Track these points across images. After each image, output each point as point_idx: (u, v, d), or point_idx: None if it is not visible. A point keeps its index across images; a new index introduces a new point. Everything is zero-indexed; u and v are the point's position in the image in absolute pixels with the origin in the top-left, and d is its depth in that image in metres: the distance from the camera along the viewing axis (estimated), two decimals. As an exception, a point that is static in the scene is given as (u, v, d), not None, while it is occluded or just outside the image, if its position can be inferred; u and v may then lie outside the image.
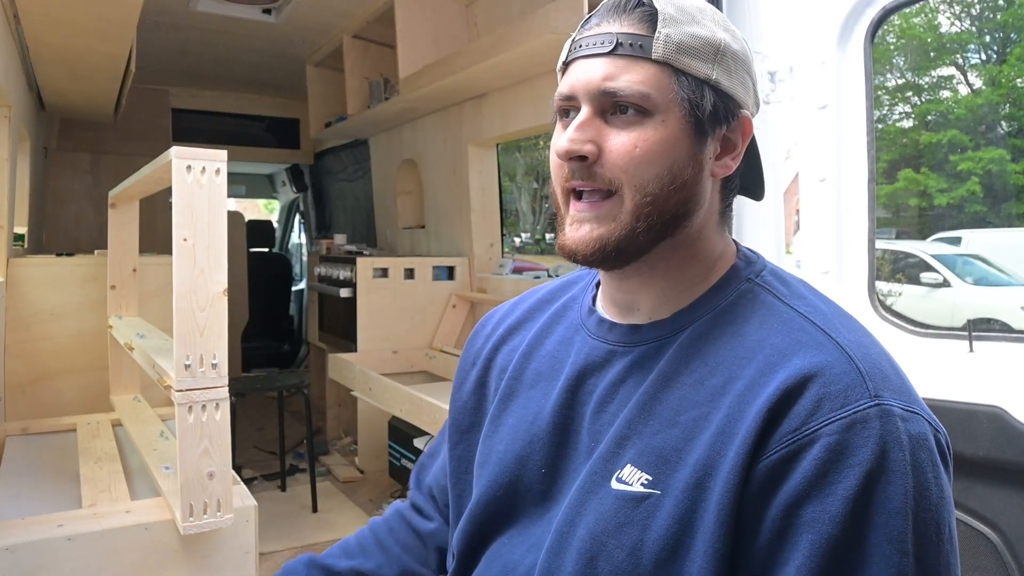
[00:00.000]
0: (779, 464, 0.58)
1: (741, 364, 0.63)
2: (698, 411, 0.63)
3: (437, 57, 3.35)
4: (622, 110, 0.66)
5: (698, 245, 0.70)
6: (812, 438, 0.57)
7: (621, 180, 0.66)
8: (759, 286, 0.69)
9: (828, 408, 0.57)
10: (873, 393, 0.58)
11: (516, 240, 20.29)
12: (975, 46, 11.23)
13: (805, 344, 0.61)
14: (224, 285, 1.47)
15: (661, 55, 0.65)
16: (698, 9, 0.68)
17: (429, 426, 2.52)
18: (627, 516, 0.63)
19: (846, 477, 0.55)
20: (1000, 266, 7.93)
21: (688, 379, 0.65)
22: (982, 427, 1.49)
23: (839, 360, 0.60)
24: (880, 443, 0.56)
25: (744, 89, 0.69)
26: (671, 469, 0.62)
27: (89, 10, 2.22)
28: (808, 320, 0.64)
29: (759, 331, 0.64)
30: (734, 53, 0.68)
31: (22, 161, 3.21)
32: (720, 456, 0.60)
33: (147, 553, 1.52)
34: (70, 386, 2.61)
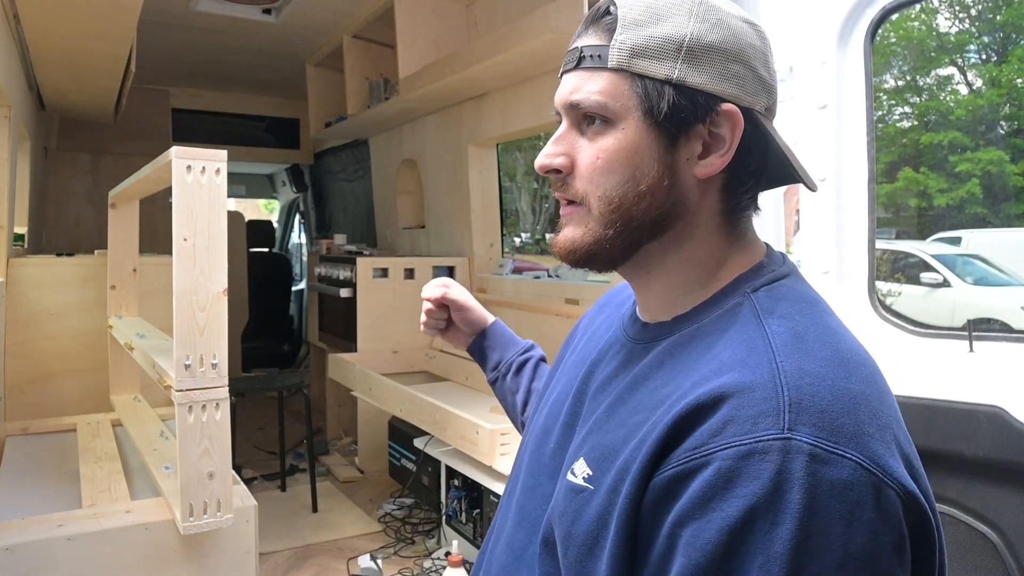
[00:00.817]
0: (674, 480, 0.55)
1: (687, 376, 0.61)
2: (642, 416, 0.62)
3: (437, 57, 3.35)
4: (591, 121, 0.67)
5: (691, 248, 0.68)
6: (708, 460, 0.54)
7: (587, 190, 0.67)
8: (749, 300, 0.65)
9: (732, 432, 0.54)
10: (786, 426, 0.53)
11: (516, 240, 20.29)
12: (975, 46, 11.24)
13: (743, 364, 0.58)
14: (224, 285, 1.47)
15: (616, 62, 0.65)
16: (671, 4, 0.65)
17: (429, 426, 2.52)
18: (566, 506, 0.65)
19: (728, 506, 0.52)
20: (1000, 266, 7.93)
21: (652, 384, 0.65)
22: (982, 427, 1.49)
23: (765, 385, 0.55)
24: (775, 479, 0.51)
25: (729, 79, 0.64)
26: (607, 468, 0.62)
27: (89, 10, 2.22)
28: (767, 341, 0.59)
29: (721, 345, 0.62)
30: (709, 45, 0.64)
31: (22, 161, 3.21)
32: (633, 461, 0.59)
33: (147, 553, 1.52)
34: (70, 386, 2.61)
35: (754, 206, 0.70)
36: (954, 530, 1.56)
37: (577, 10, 2.25)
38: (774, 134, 0.67)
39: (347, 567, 2.61)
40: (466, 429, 2.26)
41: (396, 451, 3.19)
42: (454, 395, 3.07)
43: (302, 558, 2.71)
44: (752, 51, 0.66)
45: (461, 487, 2.52)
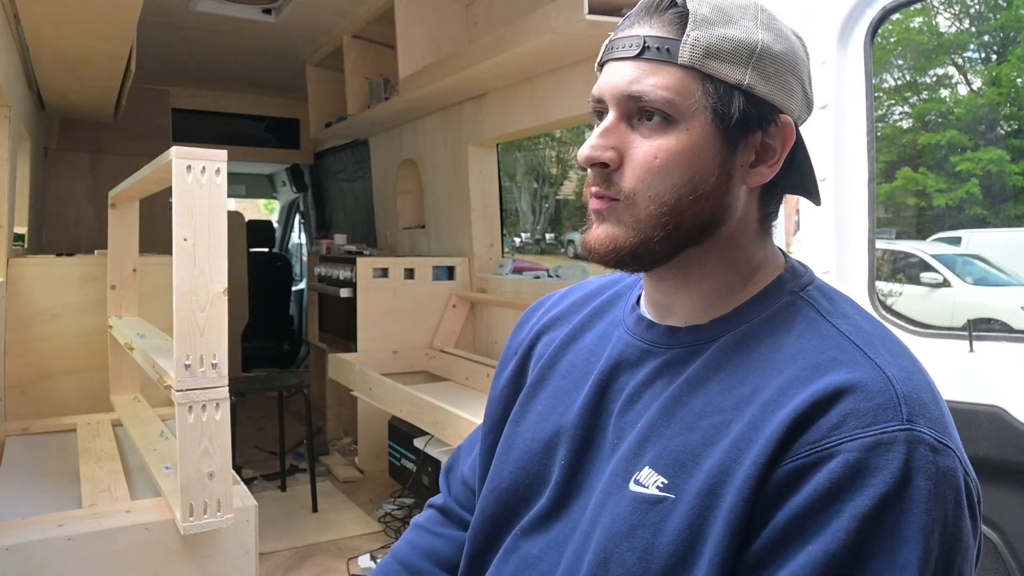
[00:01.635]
0: (794, 473, 0.56)
1: (771, 375, 0.61)
2: (721, 417, 0.61)
3: (437, 57, 3.35)
4: (648, 116, 0.64)
5: (732, 253, 0.68)
6: (832, 452, 0.55)
7: (636, 189, 0.65)
8: (803, 300, 0.66)
9: (854, 424, 0.55)
10: (906, 417, 0.55)
11: (516, 240, 20.31)
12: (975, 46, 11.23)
13: (842, 361, 0.59)
14: (224, 285, 1.47)
15: (687, 60, 0.62)
16: (738, 7, 0.65)
17: (429, 426, 2.52)
18: (640, 519, 0.62)
19: (859, 496, 0.53)
20: (1000, 266, 7.93)
21: (716, 386, 0.63)
22: (982, 427, 1.49)
23: (875, 379, 0.57)
24: (903, 469, 0.53)
25: (786, 93, 0.65)
26: (687, 474, 0.61)
27: (89, 10, 2.22)
28: (848, 339, 0.61)
29: (795, 344, 0.62)
30: (775, 55, 0.64)
31: (22, 161, 3.21)
32: (736, 464, 0.58)
33: (147, 553, 1.52)
34: (70, 386, 2.61)
35: (775, 215, 0.71)
36: (954, 530, 1.55)
37: (577, 10, 2.25)
38: (806, 148, 0.68)
39: (347, 567, 2.61)
40: (466, 429, 2.26)
41: (396, 451, 3.19)
42: (454, 395, 3.07)
43: (302, 558, 2.71)
44: (803, 65, 0.67)
45: (461, 487, 2.52)
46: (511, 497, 0.76)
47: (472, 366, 3.31)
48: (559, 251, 19.77)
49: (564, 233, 21.17)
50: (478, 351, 3.66)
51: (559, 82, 2.93)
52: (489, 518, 0.77)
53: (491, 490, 0.78)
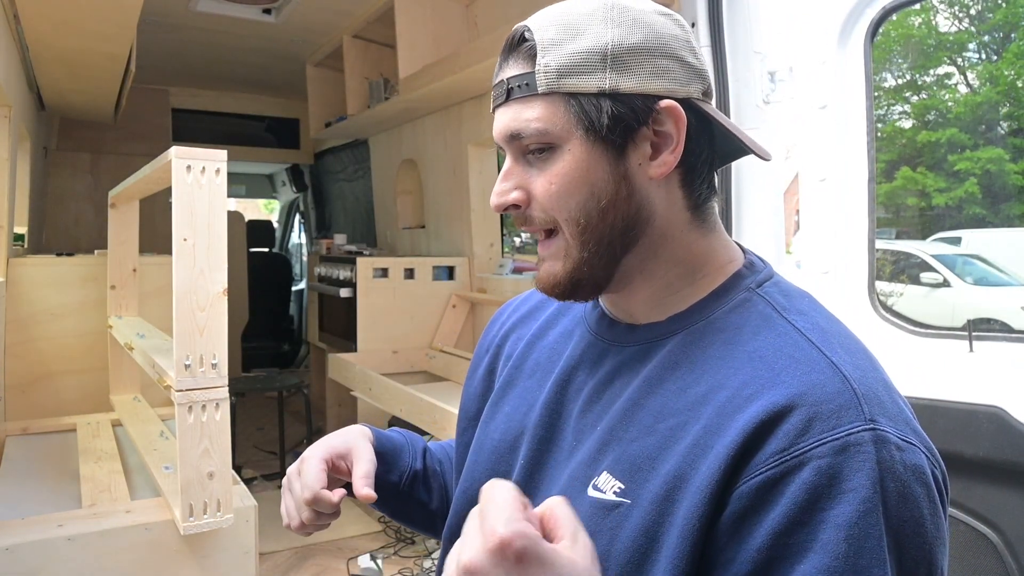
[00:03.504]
0: (764, 487, 0.53)
1: (728, 374, 0.59)
2: (676, 419, 0.60)
3: (437, 57, 3.35)
4: (536, 151, 0.65)
5: (669, 247, 0.67)
6: (801, 460, 0.53)
7: (553, 217, 0.66)
8: (759, 296, 0.65)
9: (819, 429, 0.53)
10: (868, 417, 0.54)
11: (516, 240, 20.29)
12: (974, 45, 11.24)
13: (799, 361, 0.58)
14: (224, 285, 1.47)
15: (545, 87, 0.64)
16: (585, 16, 0.65)
17: (429, 426, 2.52)
18: (598, 524, 0.61)
19: (840, 503, 0.52)
20: (1000, 266, 7.93)
21: (673, 385, 0.62)
22: (982, 427, 1.49)
23: (833, 380, 0.56)
24: (876, 470, 0.52)
25: (661, 76, 0.63)
26: (644, 479, 0.60)
27: (89, 10, 2.22)
28: (804, 337, 0.60)
29: (752, 342, 0.61)
30: (633, 47, 0.63)
31: (22, 161, 3.21)
32: (692, 470, 0.57)
33: (147, 553, 1.52)
34: (70, 386, 2.61)
35: (713, 193, 0.69)
36: (954, 530, 1.56)
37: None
38: (715, 115, 0.66)
39: (347, 567, 2.61)
40: (466, 429, 2.27)
41: (396, 451, 3.19)
42: (454, 395, 3.07)
43: (302, 558, 2.71)
44: (675, 41, 0.65)
45: (461, 487, 2.52)
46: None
47: (472, 366, 3.31)
48: (559, 251, 19.76)
49: (564, 233, 21.16)
50: (478, 351, 3.66)
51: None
52: (461, 519, 0.74)
53: (463, 491, 0.79)
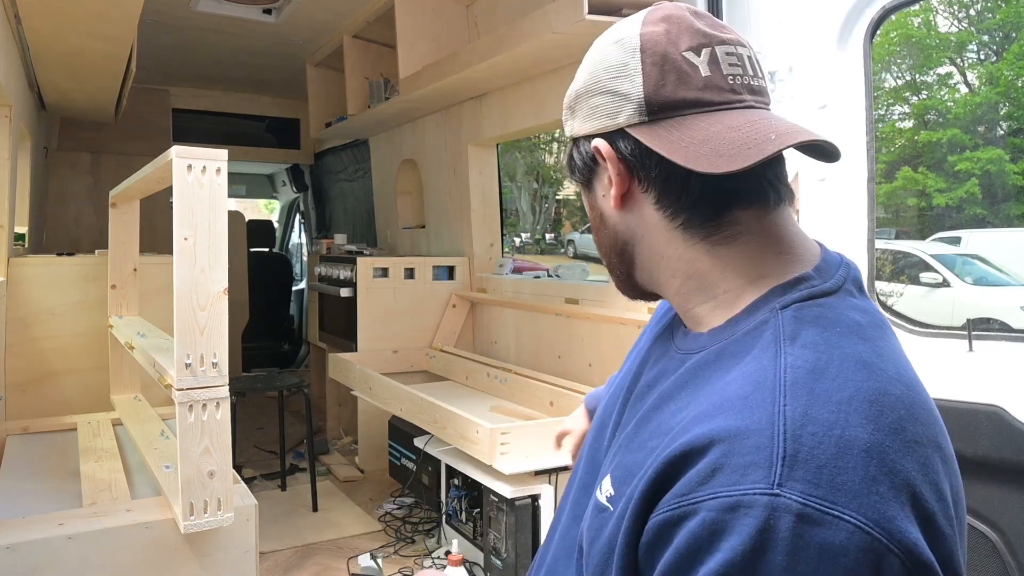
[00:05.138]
0: (664, 526, 0.53)
1: (700, 404, 0.58)
2: (661, 440, 0.59)
3: (437, 57, 3.35)
4: None
5: (670, 264, 0.67)
6: (694, 508, 0.51)
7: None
8: (775, 320, 0.60)
9: (720, 481, 0.51)
10: (776, 480, 0.49)
11: (516, 240, 20.31)
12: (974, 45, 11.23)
13: (748, 404, 0.54)
14: (224, 284, 1.47)
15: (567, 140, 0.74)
16: (581, 68, 0.71)
17: (429, 425, 2.52)
18: (591, 522, 0.65)
19: (711, 560, 0.49)
20: (1000, 266, 7.93)
21: (674, 404, 0.62)
22: (982, 427, 1.49)
23: (761, 431, 0.51)
24: (756, 537, 0.48)
25: (591, 116, 0.67)
26: (623, 491, 0.61)
27: (89, 10, 2.23)
28: (777, 377, 0.55)
29: (735, 371, 0.59)
30: (577, 92, 0.69)
31: (23, 161, 3.21)
32: (635, 493, 0.57)
33: (148, 552, 1.52)
34: (71, 385, 2.61)
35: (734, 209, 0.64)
36: (953, 529, 1.56)
37: (577, 10, 2.25)
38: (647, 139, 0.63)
39: (347, 566, 2.61)
40: (466, 428, 2.27)
41: (396, 450, 3.19)
42: (454, 394, 3.07)
43: (302, 557, 2.71)
44: (608, 72, 0.66)
45: (461, 486, 2.52)
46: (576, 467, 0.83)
47: (472, 366, 3.32)
48: (559, 251, 19.77)
49: (564, 233, 21.17)
50: (478, 351, 3.67)
51: (559, 82, 2.93)
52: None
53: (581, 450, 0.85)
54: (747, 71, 0.64)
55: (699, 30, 0.64)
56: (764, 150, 0.59)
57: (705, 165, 0.59)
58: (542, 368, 3.07)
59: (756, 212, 0.64)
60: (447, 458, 2.49)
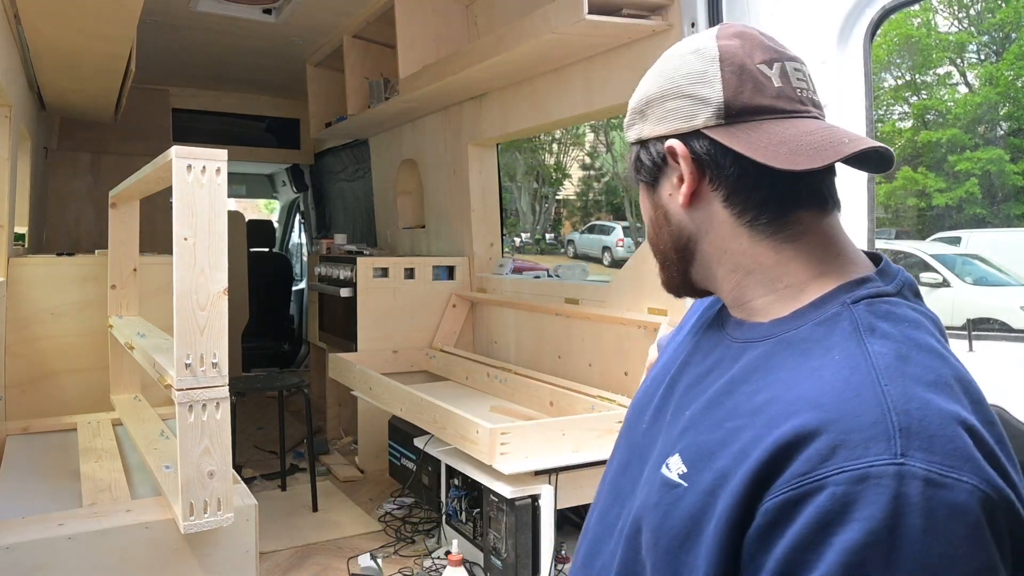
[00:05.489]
0: (785, 506, 0.56)
1: (787, 387, 0.62)
2: (739, 422, 0.64)
3: (437, 57, 3.35)
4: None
5: (732, 259, 0.72)
6: (820, 485, 0.55)
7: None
8: (849, 312, 0.65)
9: (843, 457, 0.55)
10: (899, 451, 0.54)
11: (516, 240, 20.30)
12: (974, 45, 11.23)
13: (850, 386, 0.59)
14: (224, 284, 1.47)
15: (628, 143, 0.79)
16: (650, 71, 0.76)
17: (429, 425, 2.52)
18: (661, 498, 0.68)
19: (847, 531, 0.53)
20: (1000, 266, 7.93)
21: (748, 388, 0.66)
22: (981, 426, 1.49)
23: (872, 410, 0.57)
24: (893, 504, 0.53)
25: (667, 119, 0.72)
26: (701, 468, 0.65)
27: (89, 10, 2.23)
28: (870, 362, 0.60)
29: (820, 359, 0.63)
30: (650, 98, 0.74)
31: (22, 161, 3.21)
32: (733, 472, 0.61)
33: (148, 552, 1.52)
34: (71, 385, 2.61)
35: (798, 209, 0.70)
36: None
37: (577, 10, 2.25)
38: (727, 140, 0.68)
39: (347, 566, 2.61)
40: (466, 428, 2.27)
41: (396, 450, 3.19)
42: (454, 394, 3.07)
43: (302, 557, 2.71)
44: (687, 78, 0.71)
45: (461, 486, 2.52)
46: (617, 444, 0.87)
47: (472, 366, 3.32)
48: (559, 251, 19.77)
49: (564, 233, 21.17)
50: (478, 351, 3.67)
51: (559, 82, 2.93)
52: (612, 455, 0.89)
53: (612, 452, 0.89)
54: (810, 86, 0.71)
55: (769, 46, 0.71)
56: (840, 151, 0.65)
57: (785, 163, 0.65)
58: (542, 368, 3.08)
59: (815, 214, 0.71)
60: (447, 458, 2.49)
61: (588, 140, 21.16)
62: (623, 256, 15.61)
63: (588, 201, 22.25)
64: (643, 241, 2.71)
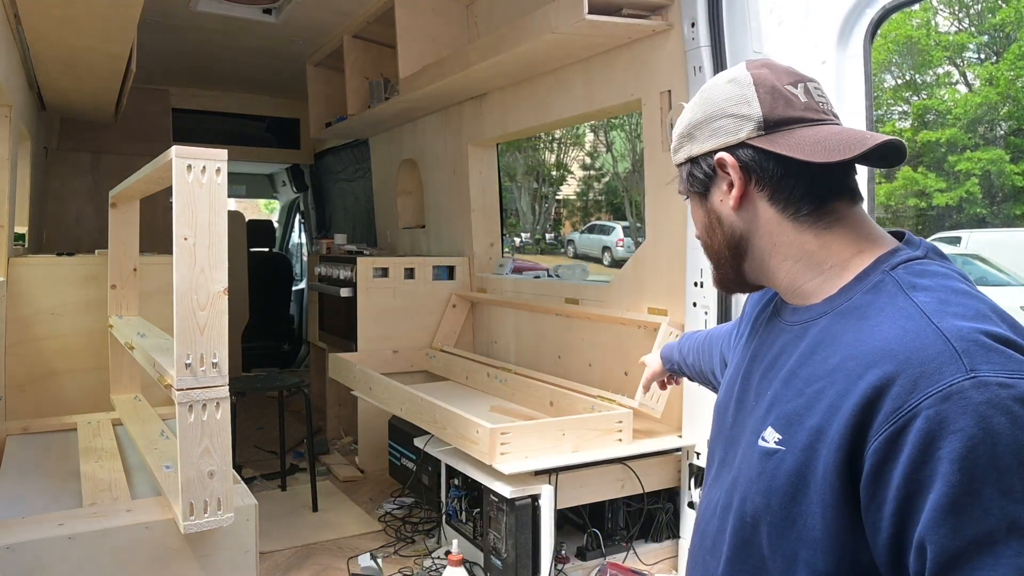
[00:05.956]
0: (890, 441, 0.67)
1: (856, 346, 0.74)
2: (820, 384, 0.76)
3: (437, 57, 3.36)
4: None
5: (782, 250, 0.85)
6: (914, 413, 0.66)
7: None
8: (891, 277, 0.78)
9: (924, 385, 0.66)
10: (968, 368, 0.65)
11: (516, 240, 20.29)
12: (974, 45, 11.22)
13: (908, 331, 0.71)
14: (224, 284, 1.47)
15: (674, 162, 0.94)
16: (691, 103, 0.90)
17: (429, 425, 2.52)
18: (763, 467, 0.80)
19: (951, 442, 0.64)
20: (1000, 266, 7.93)
21: (819, 357, 0.78)
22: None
23: (935, 343, 0.68)
24: (979, 411, 0.64)
25: (714, 135, 0.86)
26: (795, 431, 0.77)
27: (89, 10, 2.23)
28: (919, 310, 0.72)
29: (877, 317, 0.75)
30: (697, 122, 0.88)
31: (23, 161, 3.21)
32: (829, 425, 0.72)
33: (148, 552, 1.52)
34: (71, 385, 2.61)
35: (826, 202, 0.82)
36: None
37: (577, 10, 2.25)
38: (770, 146, 0.82)
39: (347, 566, 2.61)
40: (466, 428, 2.27)
41: (396, 450, 3.19)
42: (454, 394, 3.07)
43: (302, 557, 2.71)
44: (728, 101, 0.85)
45: (461, 486, 2.52)
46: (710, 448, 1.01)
47: (472, 365, 3.32)
48: (559, 251, 19.77)
49: (564, 233, 21.16)
50: (478, 350, 3.67)
51: (559, 82, 2.93)
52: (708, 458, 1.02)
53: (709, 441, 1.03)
54: (828, 101, 0.86)
55: (792, 72, 0.86)
56: (865, 143, 0.78)
57: (822, 157, 0.78)
58: (542, 368, 3.08)
59: (847, 204, 0.84)
60: (447, 458, 2.49)
61: (588, 140, 21.16)
62: (623, 256, 15.60)
63: (588, 201, 22.25)
64: (643, 241, 2.71)
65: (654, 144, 2.50)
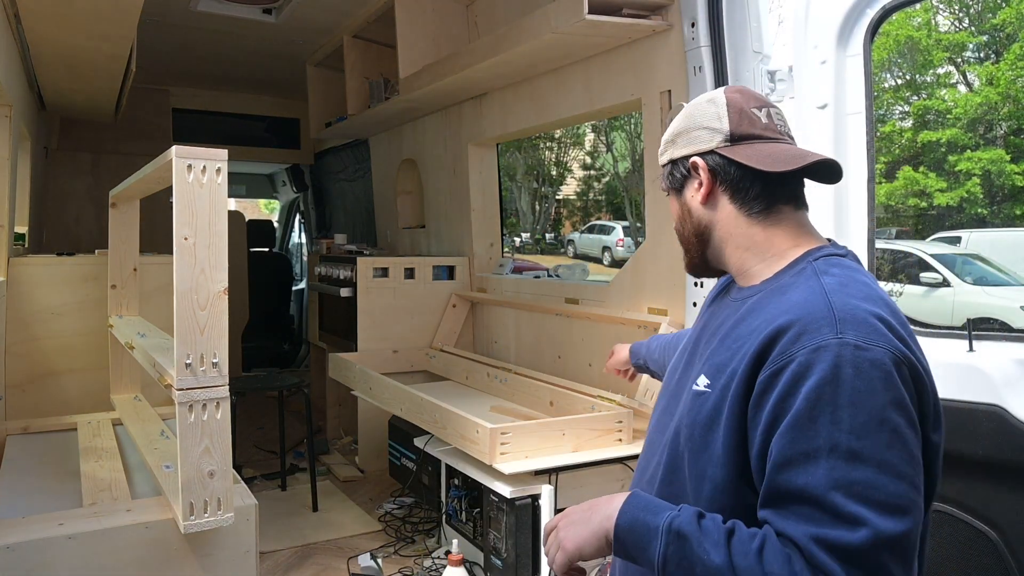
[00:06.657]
0: (772, 376, 0.88)
1: (770, 310, 0.94)
2: (741, 341, 0.96)
3: (437, 57, 3.35)
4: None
5: (735, 241, 1.06)
6: (791, 358, 0.87)
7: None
8: (811, 266, 0.98)
9: (805, 340, 0.87)
10: (838, 331, 0.86)
11: (516, 240, 20.29)
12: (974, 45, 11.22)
13: (808, 302, 0.91)
14: (224, 284, 1.47)
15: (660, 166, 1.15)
16: (679, 116, 1.11)
17: (429, 425, 2.52)
18: (692, 405, 1.00)
19: (808, 381, 0.85)
20: (1000, 266, 7.93)
21: (747, 321, 0.98)
22: (982, 426, 1.50)
23: (821, 309, 0.89)
24: (834, 361, 0.85)
25: (691, 143, 1.06)
26: (719, 376, 0.97)
27: (89, 10, 2.23)
28: (822, 287, 0.93)
29: (791, 292, 0.95)
30: (681, 131, 1.08)
31: (23, 161, 3.21)
32: (740, 365, 0.93)
33: (148, 551, 1.52)
34: (71, 385, 2.61)
35: (776, 203, 1.03)
36: (954, 529, 1.56)
37: (577, 10, 2.25)
38: (733, 155, 1.02)
39: (347, 566, 2.61)
40: (466, 428, 2.27)
41: (396, 450, 3.19)
42: (454, 394, 3.07)
43: (302, 557, 2.71)
44: (704, 117, 1.06)
45: (461, 486, 2.52)
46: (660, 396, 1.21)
47: (472, 365, 3.32)
48: (559, 251, 19.76)
49: (564, 233, 21.16)
50: (478, 350, 3.67)
51: (559, 82, 2.93)
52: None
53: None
54: (786, 124, 1.07)
55: (759, 98, 1.07)
56: (806, 159, 1.00)
57: (770, 167, 1.00)
58: (542, 368, 3.07)
59: (791, 208, 1.05)
60: (447, 458, 2.49)
61: (588, 140, 21.16)
62: (623, 256, 15.60)
63: (588, 201, 22.25)
64: (643, 241, 2.71)
65: (654, 144, 2.50)
